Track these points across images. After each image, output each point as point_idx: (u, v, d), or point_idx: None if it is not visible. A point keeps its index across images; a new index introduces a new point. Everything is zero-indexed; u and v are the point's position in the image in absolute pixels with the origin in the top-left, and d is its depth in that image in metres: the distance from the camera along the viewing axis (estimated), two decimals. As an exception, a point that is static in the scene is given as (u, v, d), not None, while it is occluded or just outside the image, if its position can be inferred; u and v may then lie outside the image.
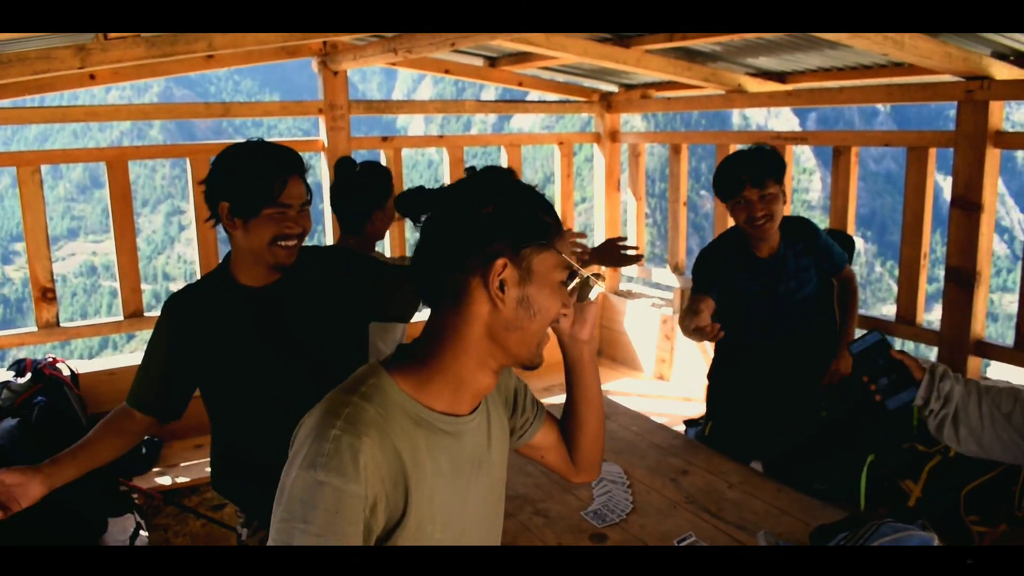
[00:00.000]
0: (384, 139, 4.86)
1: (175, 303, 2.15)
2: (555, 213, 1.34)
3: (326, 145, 4.61)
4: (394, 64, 4.59)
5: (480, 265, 1.23)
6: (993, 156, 3.38)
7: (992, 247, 3.49)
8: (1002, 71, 3.42)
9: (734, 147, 4.55)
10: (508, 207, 1.25)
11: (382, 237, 3.26)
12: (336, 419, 1.18)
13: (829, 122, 69.54)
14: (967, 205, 3.42)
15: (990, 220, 3.43)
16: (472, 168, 1.35)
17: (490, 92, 6.24)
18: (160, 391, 2.13)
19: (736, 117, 64.18)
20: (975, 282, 3.42)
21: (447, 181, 4.97)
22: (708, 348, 4.81)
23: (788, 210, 3.25)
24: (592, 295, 1.49)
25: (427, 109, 5.46)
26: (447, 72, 5.16)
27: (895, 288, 3.87)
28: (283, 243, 1.99)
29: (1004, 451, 1.88)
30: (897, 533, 2.16)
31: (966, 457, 2.06)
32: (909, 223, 3.73)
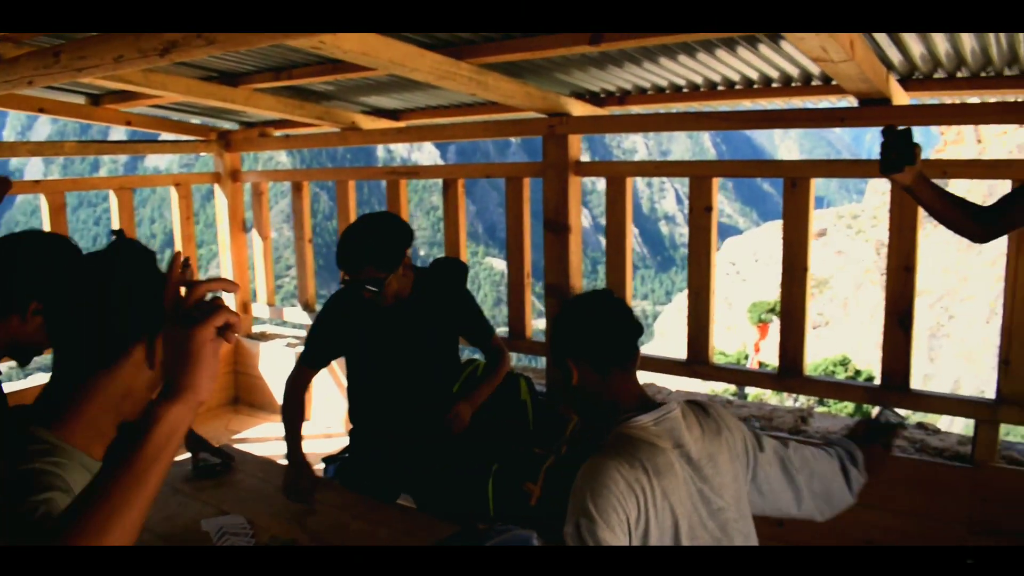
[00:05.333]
0: (-33, 186, 4.30)
1: None
2: None
3: None
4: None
5: None
6: (575, 183, 3.81)
7: (581, 263, 3.91)
8: (578, 108, 3.86)
9: (352, 183, 4.67)
10: None
11: None
12: None
13: (467, 154, 74.04)
14: (557, 227, 3.81)
15: (577, 239, 3.85)
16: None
17: (120, 132, 5.77)
18: None
19: (381, 151, 65.75)
20: (570, 295, 3.81)
21: (47, 229, 4.54)
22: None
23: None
24: None
25: (18, 151, 4.94)
26: (42, 111, 4.70)
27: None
28: None
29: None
30: (501, 535, 2.34)
31: (576, 453, 2.29)
32: (512, 246, 4.06)
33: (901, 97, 3.25)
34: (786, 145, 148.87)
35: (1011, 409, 3.04)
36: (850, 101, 3.31)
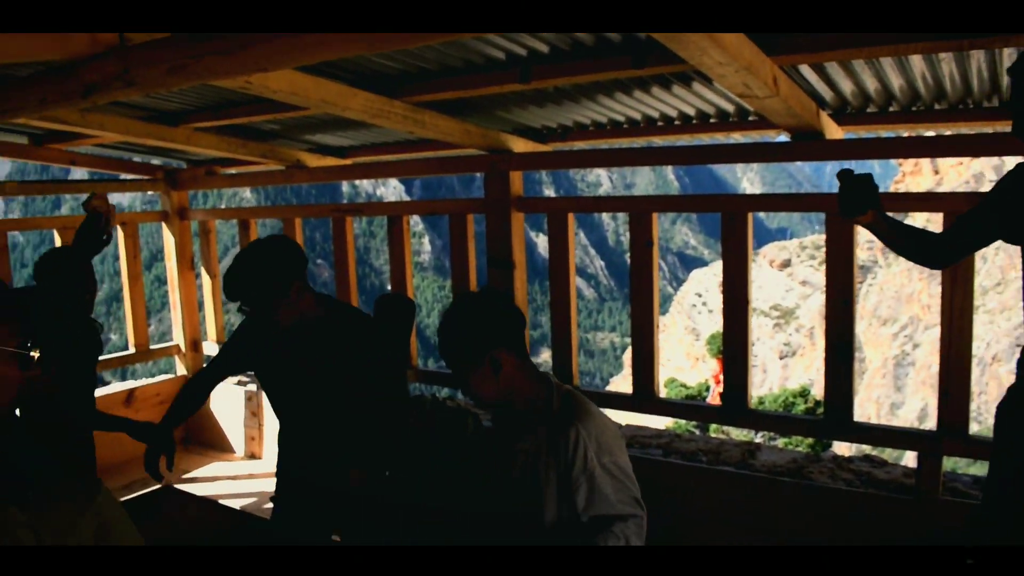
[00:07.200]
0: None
1: None
2: None
3: None
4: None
5: None
6: (518, 219, 3.80)
7: (527, 298, 3.88)
8: (520, 145, 3.86)
9: (299, 220, 4.63)
10: None
11: None
12: None
13: (432, 188, 74.83)
14: (501, 264, 3.79)
15: (522, 275, 3.83)
16: None
17: (83, 171, 5.55)
18: None
19: (346, 186, 65.95)
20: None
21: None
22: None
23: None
24: None
25: (-43, 192, 4.86)
26: (-17, 151, 4.64)
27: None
28: None
29: None
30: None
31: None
32: (457, 282, 4.03)
33: (834, 131, 3.29)
34: (748, 177, 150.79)
35: (953, 441, 3.03)
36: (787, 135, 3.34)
